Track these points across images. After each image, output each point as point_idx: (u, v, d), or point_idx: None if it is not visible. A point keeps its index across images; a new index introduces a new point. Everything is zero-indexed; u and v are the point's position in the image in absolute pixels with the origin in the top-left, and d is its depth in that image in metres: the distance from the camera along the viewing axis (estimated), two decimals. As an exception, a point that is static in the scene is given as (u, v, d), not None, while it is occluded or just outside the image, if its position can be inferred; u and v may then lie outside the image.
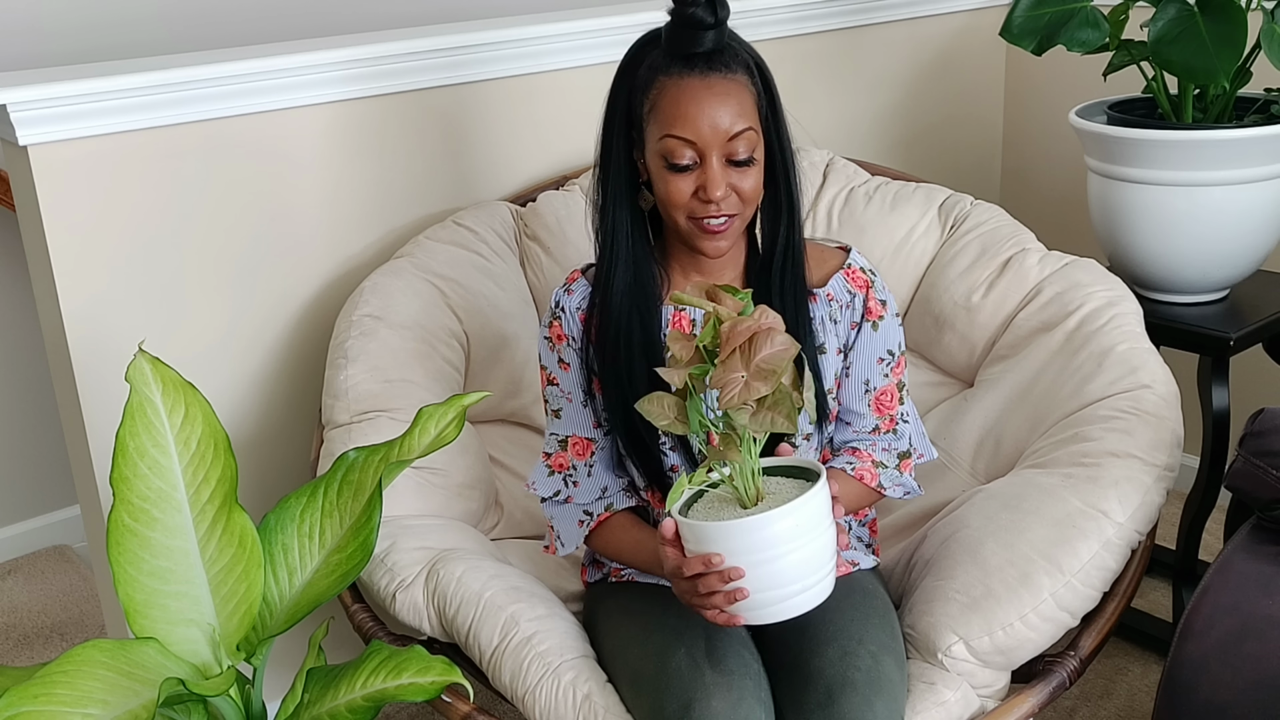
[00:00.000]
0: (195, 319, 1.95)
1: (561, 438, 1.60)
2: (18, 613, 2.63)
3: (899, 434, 1.60)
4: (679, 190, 1.44)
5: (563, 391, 1.59)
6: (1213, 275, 2.09)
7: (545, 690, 1.46)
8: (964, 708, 1.48)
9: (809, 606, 1.34)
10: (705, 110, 1.41)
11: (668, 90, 1.42)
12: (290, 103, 1.95)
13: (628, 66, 1.48)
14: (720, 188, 1.42)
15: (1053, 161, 2.85)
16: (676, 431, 1.33)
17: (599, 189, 1.52)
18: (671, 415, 1.33)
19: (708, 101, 1.41)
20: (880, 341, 1.57)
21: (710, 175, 1.42)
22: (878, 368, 1.58)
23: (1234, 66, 1.92)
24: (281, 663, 2.06)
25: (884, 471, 1.58)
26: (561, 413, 1.60)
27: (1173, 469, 1.67)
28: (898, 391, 1.59)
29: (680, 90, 1.42)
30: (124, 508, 1.46)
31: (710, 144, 1.41)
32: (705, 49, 1.41)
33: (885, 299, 1.58)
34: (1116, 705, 2.13)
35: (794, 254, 1.52)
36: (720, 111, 1.41)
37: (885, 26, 2.64)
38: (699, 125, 1.41)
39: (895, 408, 1.59)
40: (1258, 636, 1.41)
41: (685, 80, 1.42)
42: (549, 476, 1.61)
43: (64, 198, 1.80)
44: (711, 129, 1.41)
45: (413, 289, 1.94)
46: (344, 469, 1.56)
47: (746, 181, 1.44)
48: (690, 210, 1.45)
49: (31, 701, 1.31)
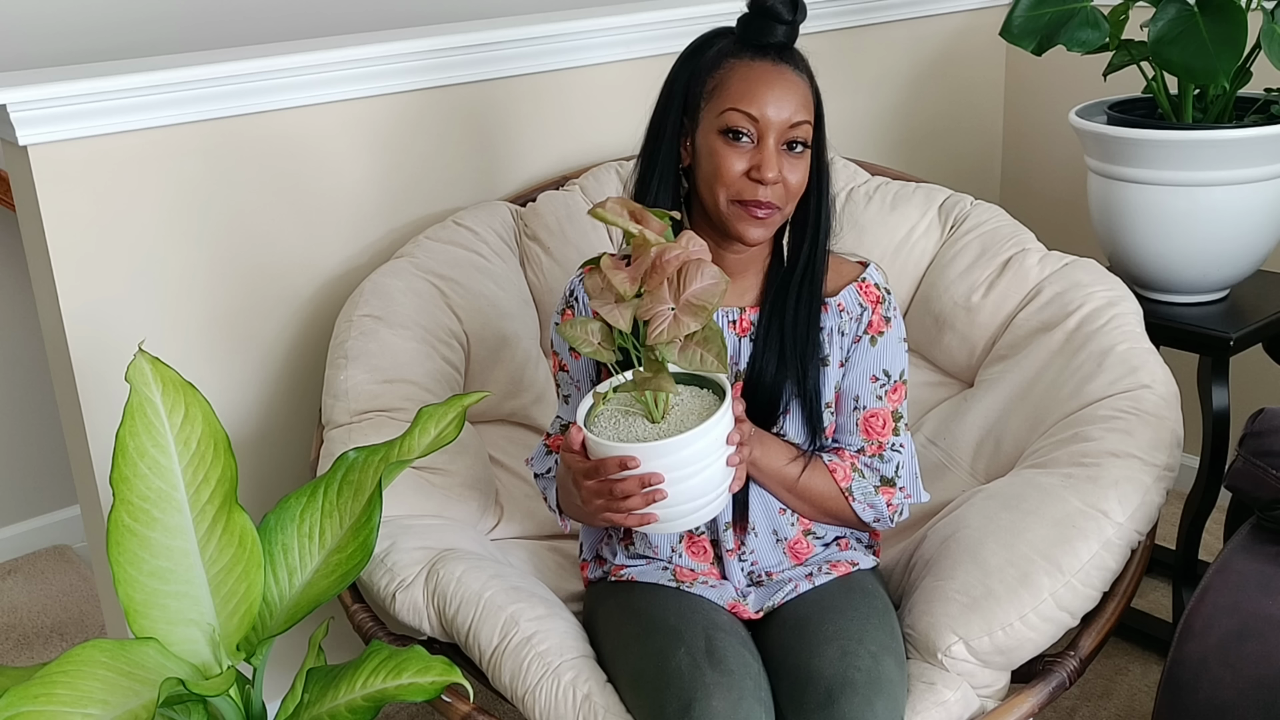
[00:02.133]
0: (195, 319, 1.95)
1: (566, 423, 1.63)
2: (18, 613, 2.63)
3: (885, 459, 1.57)
4: (732, 165, 1.46)
5: (572, 379, 1.61)
6: (1213, 275, 2.09)
7: (545, 690, 1.46)
8: (964, 708, 1.48)
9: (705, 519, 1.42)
10: (775, 92, 1.45)
11: (738, 70, 1.47)
12: (290, 103, 1.95)
13: (693, 52, 1.52)
14: (774, 169, 1.45)
15: (1053, 161, 2.85)
16: (601, 359, 1.34)
17: (642, 171, 1.55)
18: (595, 342, 1.33)
19: (778, 85, 1.46)
20: (876, 359, 1.56)
21: (766, 155, 1.45)
22: (870, 386, 1.57)
23: (1234, 66, 1.92)
24: (281, 663, 2.06)
25: (858, 480, 1.57)
26: (571, 399, 1.62)
27: (1173, 469, 1.67)
28: (892, 421, 1.57)
29: (751, 70, 1.47)
30: (124, 508, 1.46)
31: (772, 125, 1.45)
32: (779, 41, 1.47)
33: (891, 317, 1.57)
34: (1116, 705, 2.13)
35: (814, 268, 1.54)
36: (787, 98, 1.45)
37: (885, 26, 2.64)
38: (765, 105, 1.45)
39: (887, 435, 1.57)
40: (1258, 636, 1.41)
41: (757, 63, 1.47)
42: (545, 455, 1.64)
43: (64, 198, 1.80)
44: (777, 111, 1.45)
45: (413, 289, 1.94)
46: (344, 469, 1.56)
47: (796, 173, 1.47)
48: (738, 190, 1.46)
49: (31, 701, 1.30)
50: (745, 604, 1.56)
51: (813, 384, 1.54)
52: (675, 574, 1.58)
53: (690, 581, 1.57)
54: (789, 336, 1.53)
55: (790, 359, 1.53)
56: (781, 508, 1.58)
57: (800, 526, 1.59)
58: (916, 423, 2.05)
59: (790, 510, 1.58)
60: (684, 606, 1.51)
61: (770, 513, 1.57)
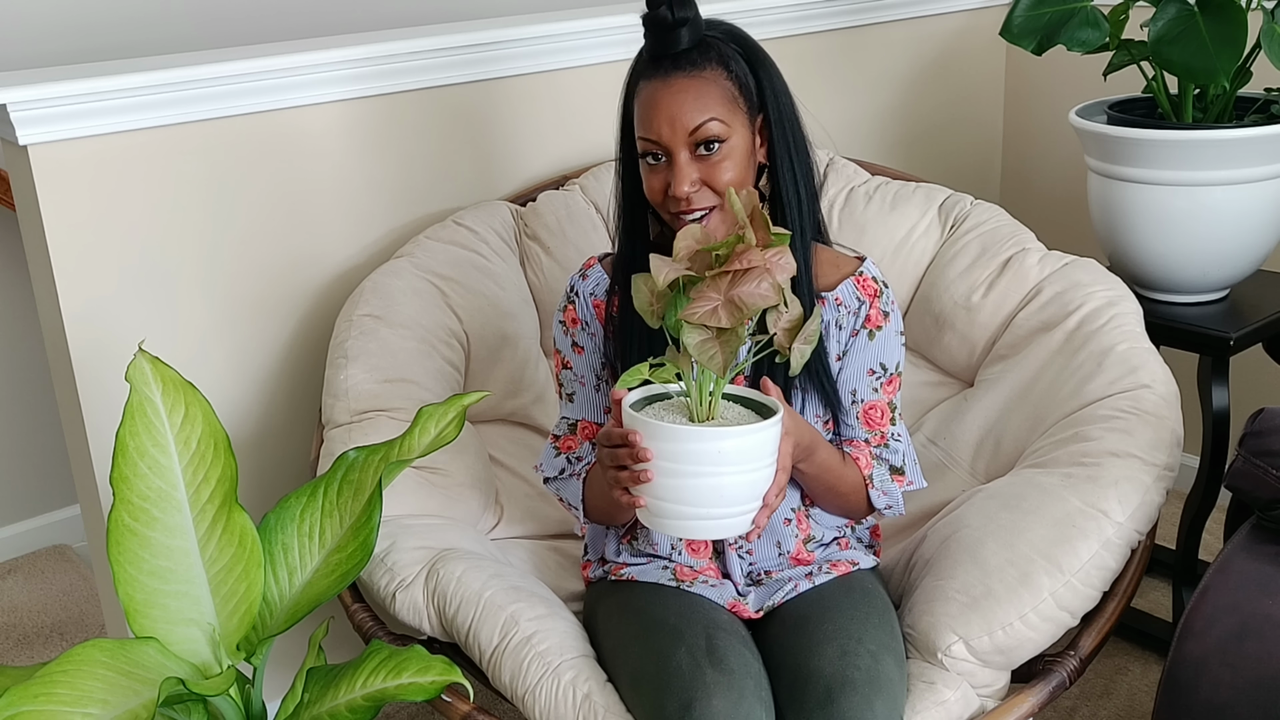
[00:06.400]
0: (195, 319, 1.95)
1: (572, 421, 1.63)
2: (18, 613, 2.63)
3: (891, 449, 1.59)
4: (653, 188, 1.49)
5: (576, 375, 1.61)
6: (1213, 275, 2.09)
7: (545, 690, 1.46)
8: (964, 707, 1.48)
9: (717, 535, 1.37)
10: (663, 109, 1.45)
11: (641, 93, 1.48)
12: (290, 103, 1.95)
13: (627, 77, 1.53)
14: (684, 183, 1.45)
15: (1053, 161, 2.85)
16: (646, 320, 1.33)
17: (618, 189, 1.57)
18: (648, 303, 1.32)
19: (665, 100, 1.45)
20: (874, 353, 1.57)
21: (675, 171, 1.46)
22: (867, 379, 1.58)
23: (1234, 66, 1.92)
24: (281, 662, 2.06)
25: (878, 468, 1.58)
26: (575, 396, 1.62)
27: (1173, 469, 1.67)
28: (890, 410, 1.59)
29: (647, 92, 1.47)
30: (124, 507, 1.46)
31: (671, 141, 1.45)
32: (677, 48, 1.46)
33: (889, 311, 1.57)
34: (1116, 705, 2.13)
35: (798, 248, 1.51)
36: (679, 109, 1.44)
37: (885, 26, 2.64)
38: (660, 125, 1.45)
39: (886, 425, 1.59)
40: (1258, 636, 1.41)
41: (651, 82, 1.47)
42: (555, 458, 1.64)
43: (64, 198, 1.80)
44: (670, 127, 1.45)
45: (413, 289, 1.94)
46: (344, 469, 1.56)
47: (716, 172, 1.46)
48: (666, 206, 1.49)
49: (31, 701, 1.31)
50: (745, 603, 1.56)
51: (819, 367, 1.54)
52: (675, 573, 1.58)
53: (690, 581, 1.57)
54: None
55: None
56: (786, 518, 1.58)
57: (801, 535, 1.60)
58: (916, 422, 2.05)
59: (793, 521, 1.58)
60: (684, 606, 1.51)
61: (773, 524, 1.58)
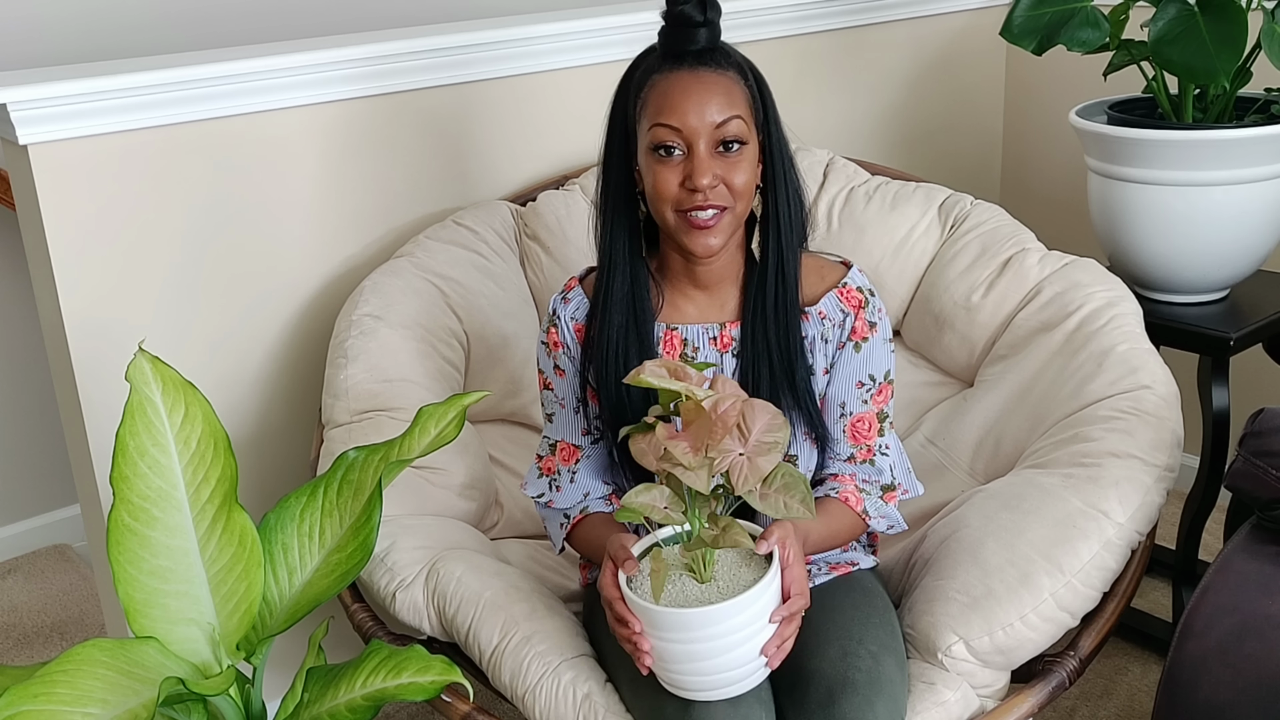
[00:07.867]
0: (195, 319, 1.95)
1: (552, 442, 1.62)
2: (18, 612, 2.63)
3: (877, 466, 1.56)
4: (666, 180, 1.44)
5: (556, 397, 1.60)
6: (1213, 275, 2.09)
7: (545, 690, 1.46)
8: (964, 707, 1.48)
9: (725, 696, 1.34)
10: (693, 99, 1.42)
11: (658, 85, 1.45)
12: (290, 102, 1.95)
13: (625, 77, 1.51)
14: (706, 175, 1.42)
15: (1053, 161, 2.85)
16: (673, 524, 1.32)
17: (600, 198, 1.54)
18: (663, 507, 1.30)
19: (695, 91, 1.43)
20: (861, 365, 1.54)
21: (696, 162, 1.42)
22: (855, 392, 1.55)
23: (1234, 66, 1.92)
24: (281, 662, 2.06)
25: (869, 500, 1.55)
26: (554, 417, 1.61)
27: (1173, 469, 1.67)
28: (878, 421, 1.56)
29: (669, 82, 1.44)
30: (124, 507, 1.46)
31: (697, 132, 1.42)
32: (696, 47, 1.44)
33: (876, 321, 1.54)
34: (1116, 705, 2.13)
35: (784, 266, 1.50)
36: (708, 101, 1.42)
37: (885, 26, 2.64)
38: (686, 113, 1.42)
39: (873, 438, 1.55)
40: (1258, 636, 1.41)
41: (675, 74, 1.44)
42: (539, 479, 1.64)
43: (64, 198, 1.80)
44: (698, 117, 1.42)
45: (413, 289, 1.94)
46: (344, 468, 1.56)
47: (735, 172, 1.44)
48: (677, 202, 1.45)
49: (31, 701, 1.31)
50: (745, 604, 1.55)
51: (804, 388, 1.52)
52: (675, 574, 1.58)
53: (690, 581, 1.57)
54: (774, 344, 1.51)
55: (779, 367, 1.51)
56: None
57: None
58: (915, 422, 2.05)
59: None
60: (684, 606, 1.51)
61: None
